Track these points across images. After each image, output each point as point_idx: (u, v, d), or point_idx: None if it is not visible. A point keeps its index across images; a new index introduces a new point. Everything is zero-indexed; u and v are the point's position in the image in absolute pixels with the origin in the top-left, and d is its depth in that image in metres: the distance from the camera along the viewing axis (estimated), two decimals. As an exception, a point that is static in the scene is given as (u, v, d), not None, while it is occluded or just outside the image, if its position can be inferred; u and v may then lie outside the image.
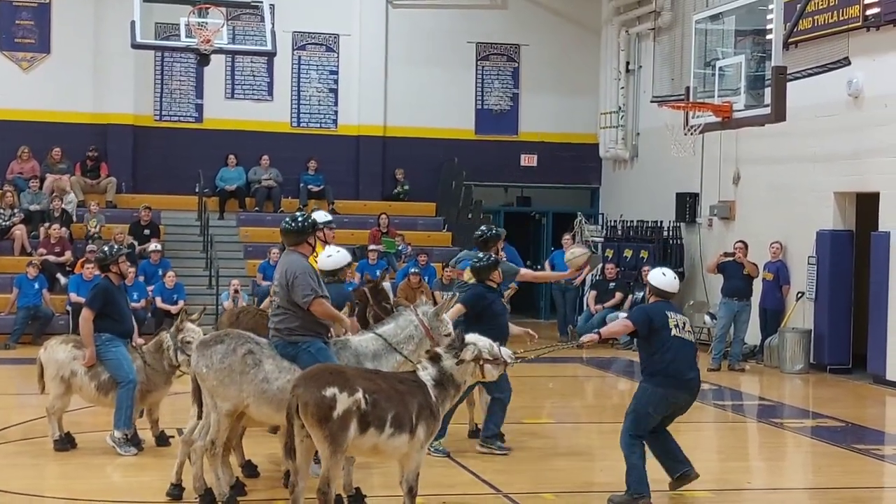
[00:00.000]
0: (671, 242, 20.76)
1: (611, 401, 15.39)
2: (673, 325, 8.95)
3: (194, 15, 17.78)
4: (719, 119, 15.14)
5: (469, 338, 8.24)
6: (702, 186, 20.64)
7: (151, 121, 23.01)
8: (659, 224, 21.00)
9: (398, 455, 7.77)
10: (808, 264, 17.42)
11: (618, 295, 20.07)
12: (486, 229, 11.77)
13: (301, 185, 23.00)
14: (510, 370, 9.00)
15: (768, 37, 14.42)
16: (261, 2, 18.94)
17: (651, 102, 20.50)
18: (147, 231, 20.96)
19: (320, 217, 10.80)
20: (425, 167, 23.92)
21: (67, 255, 20.03)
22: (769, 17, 14.51)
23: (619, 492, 8.96)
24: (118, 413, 10.31)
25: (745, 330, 17.52)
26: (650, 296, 9.34)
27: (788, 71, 14.33)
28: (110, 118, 22.53)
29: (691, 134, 15.98)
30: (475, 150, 24.16)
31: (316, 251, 9.39)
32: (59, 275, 19.63)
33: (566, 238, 21.65)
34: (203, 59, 18.05)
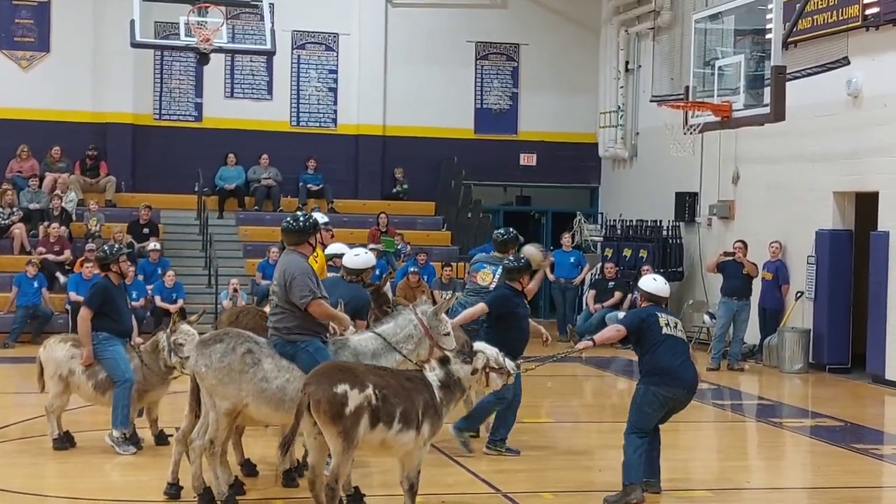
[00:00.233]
0: (670, 242, 20.74)
1: (610, 400, 15.39)
2: (664, 325, 9.02)
3: (194, 14, 17.76)
4: (719, 118, 15.14)
5: (477, 346, 8.38)
6: (701, 186, 20.64)
7: (151, 120, 22.99)
8: (658, 223, 20.99)
9: (404, 451, 7.82)
10: (808, 264, 17.42)
11: (617, 294, 20.08)
12: (505, 231, 11.74)
13: (300, 185, 23.00)
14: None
15: (768, 36, 14.42)
16: (260, 1, 18.92)
17: (650, 102, 20.49)
18: (146, 230, 20.96)
19: (318, 219, 10.81)
20: (425, 166, 23.91)
21: (67, 254, 20.02)
22: (768, 17, 14.51)
23: (618, 491, 8.98)
24: (115, 412, 10.31)
25: (745, 329, 17.53)
26: (642, 301, 9.51)
27: (788, 70, 14.32)
28: (110, 117, 22.52)
29: (691, 133, 15.97)
30: (474, 150, 24.16)
31: (316, 252, 9.40)
32: (59, 274, 19.63)
33: (565, 237, 21.66)
34: (202, 58, 18.03)
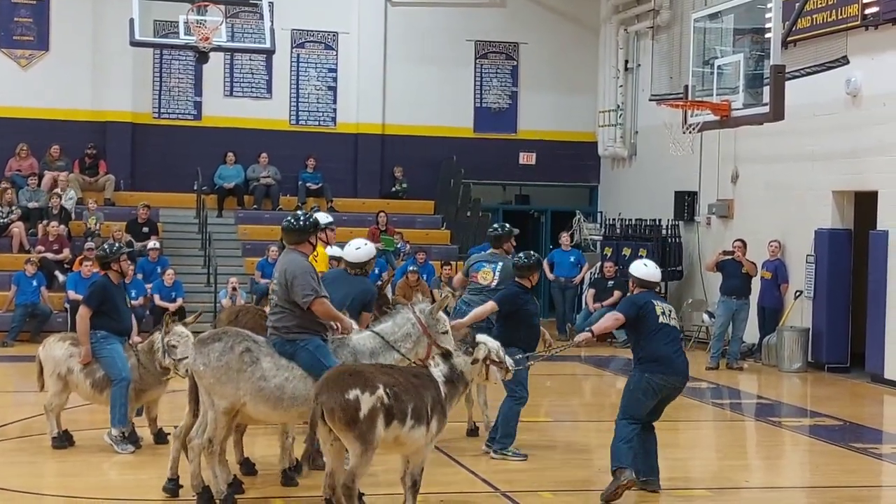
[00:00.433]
0: (670, 241, 20.75)
1: (609, 399, 15.37)
2: (660, 313, 9.09)
3: (193, 12, 17.77)
4: (718, 118, 15.14)
5: (479, 338, 8.40)
6: (700, 185, 20.65)
7: (150, 118, 22.98)
8: (657, 222, 20.99)
9: (415, 447, 7.86)
10: (807, 263, 17.43)
11: (616, 293, 20.05)
12: (499, 226, 11.76)
13: (300, 183, 22.99)
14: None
15: (767, 35, 14.41)
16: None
17: (650, 101, 20.48)
18: (145, 229, 20.95)
19: (322, 218, 10.82)
20: (424, 165, 23.91)
21: (66, 253, 20.02)
22: (768, 16, 14.51)
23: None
24: (112, 411, 10.30)
25: (744, 328, 17.54)
26: (633, 287, 9.50)
27: (787, 70, 14.32)
28: (109, 116, 22.51)
29: (690, 132, 15.97)
30: (474, 148, 24.15)
31: (317, 251, 9.40)
32: (58, 272, 19.62)
33: (564, 237, 21.66)
34: (202, 57, 18.03)
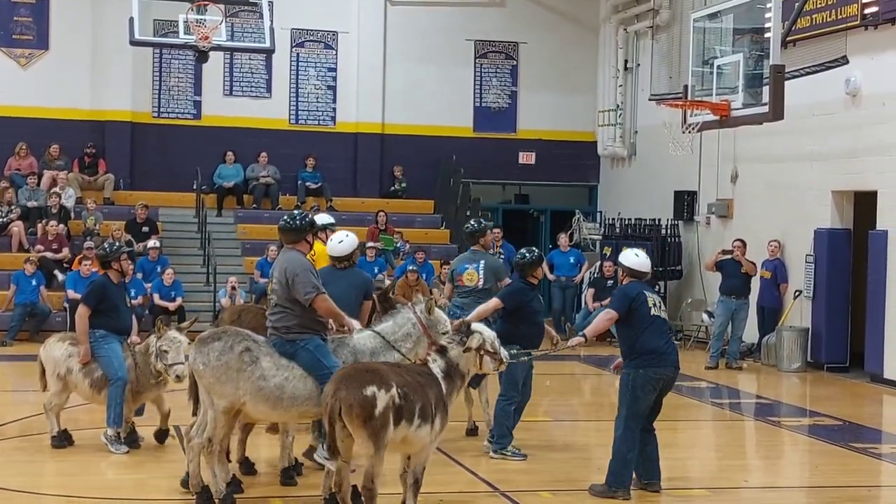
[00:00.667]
0: (669, 240, 20.75)
1: (608, 398, 15.32)
2: (652, 305, 9.04)
3: (193, 12, 17.78)
4: (717, 117, 15.13)
5: (474, 326, 8.38)
6: (700, 184, 20.65)
7: (149, 118, 22.98)
8: (657, 222, 20.99)
9: (420, 446, 7.86)
10: (806, 262, 17.43)
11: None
12: (475, 222, 11.78)
13: (299, 183, 22.99)
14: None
15: (766, 35, 14.41)
16: (259, -1, 18.94)
17: (649, 101, 20.47)
18: (145, 228, 20.94)
19: (323, 219, 10.81)
20: (423, 164, 23.90)
21: (65, 252, 20.02)
22: (767, 16, 14.50)
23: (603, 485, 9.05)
24: (108, 410, 10.28)
25: (743, 328, 17.54)
26: (623, 277, 9.42)
27: (786, 69, 14.31)
28: (108, 115, 22.51)
29: (689, 132, 15.96)
30: (473, 148, 24.15)
31: (314, 250, 9.38)
32: (57, 271, 19.62)
33: (562, 237, 21.65)
34: (201, 56, 18.03)
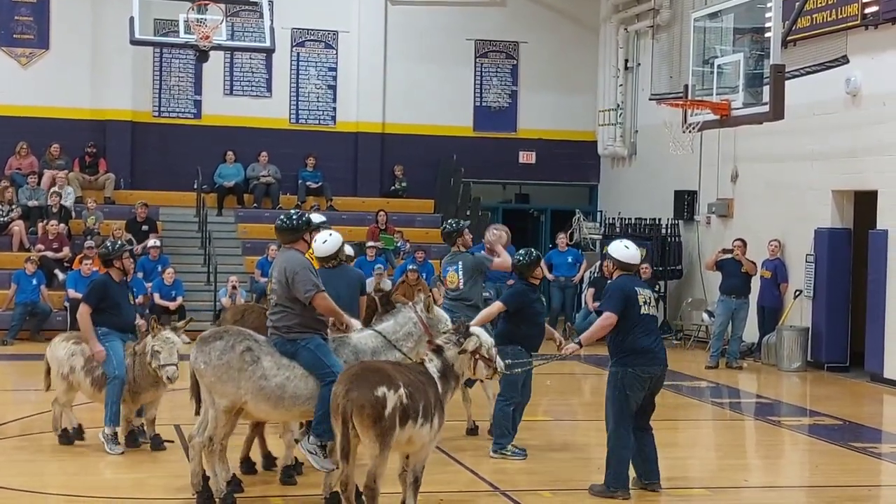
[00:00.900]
0: (669, 240, 20.76)
1: (608, 398, 15.38)
2: (643, 303, 8.95)
3: (193, 11, 17.79)
4: (718, 117, 15.13)
5: (474, 329, 8.38)
6: (700, 184, 20.65)
7: (150, 117, 22.99)
8: (657, 221, 21.00)
9: (421, 445, 7.88)
10: (806, 262, 17.43)
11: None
12: (452, 223, 11.77)
13: (299, 182, 23.00)
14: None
15: (767, 35, 14.40)
16: (260, -2, 18.94)
17: (649, 100, 20.48)
18: (145, 227, 20.96)
19: (315, 219, 10.81)
20: (424, 164, 23.91)
21: (65, 251, 20.03)
22: (768, 16, 14.49)
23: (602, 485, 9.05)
24: (105, 409, 10.25)
25: (743, 327, 17.55)
26: (613, 269, 9.27)
27: (787, 69, 14.31)
28: (109, 114, 22.52)
29: (690, 132, 15.97)
30: (474, 147, 24.16)
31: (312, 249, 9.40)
32: (57, 271, 19.62)
33: (560, 237, 21.64)
34: (202, 56, 18.04)
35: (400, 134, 23.90)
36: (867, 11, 16.19)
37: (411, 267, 18.69)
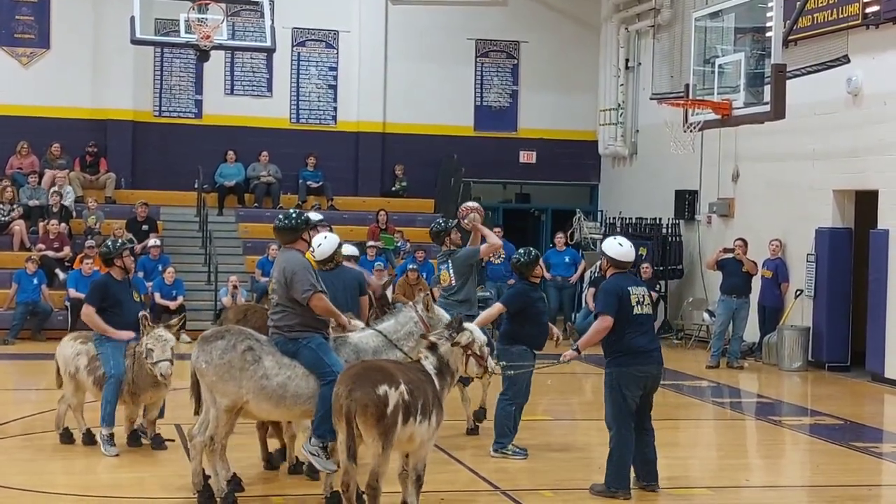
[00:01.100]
0: (670, 240, 20.75)
1: (609, 398, 15.37)
2: (636, 303, 8.87)
3: (194, 11, 17.78)
4: (719, 116, 15.12)
5: (467, 325, 8.38)
6: (701, 184, 20.64)
7: (151, 116, 22.99)
8: (658, 221, 21.00)
9: (420, 442, 7.88)
10: (807, 262, 17.43)
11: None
12: (440, 222, 11.77)
13: (300, 182, 23.00)
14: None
15: (768, 34, 14.39)
16: (260, -2, 18.93)
17: (650, 99, 20.47)
18: (145, 227, 20.96)
19: (313, 217, 10.81)
20: (424, 163, 23.91)
21: (66, 251, 20.03)
22: (769, 15, 14.48)
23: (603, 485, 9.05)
24: (101, 410, 10.24)
25: (744, 327, 17.54)
26: (607, 267, 9.19)
27: (788, 68, 14.30)
28: (110, 114, 22.52)
29: (690, 131, 15.96)
30: (474, 147, 24.15)
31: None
32: (58, 270, 19.63)
33: (558, 237, 21.63)
34: (202, 55, 18.03)
35: (400, 133, 23.90)
36: (868, 11, 16.19)
37: (411, 266, 18.69)
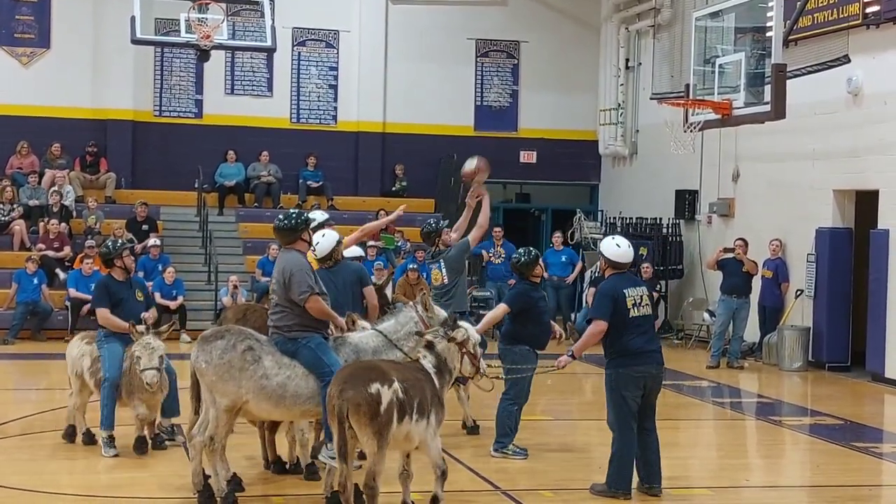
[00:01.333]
0: (670, 239, 20.75)
1: (609, 398, 15.36)
2: (631, 305, 8.82)
3: (194, 11, 17.79)
4: (719, 116, 15.12)
5: (462, 324, 8.44)
6: (701, 183, 20.64)
7: (151, 116, 22.99)
8: (658, 221, 21.00)
9: (419, 441, 7.90)
10: (807, 262, 17.42)
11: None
12: (431, 222, 11.80)
13: (300, 181, 23.00)
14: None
15: (768, 34, 14.39)
16: (260, -2, 18.94)
17: (651, 99, 20.47)
18: (145, 226, 20.96)
19: (319, 216, 10.82)
20: (424, 163, 23.90)
21: (66, 251, 20.03)
22: (769, 15, 14.47)
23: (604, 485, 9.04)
24: (101, 412, 10.22)
25: (744, 327, 17.53)
26: (605, 267, 9.16)
27: (788, 68, 14.29)
28: (110, 113, 22.52)
29: (691, 131, 15.96)
30: (474, 147, 23.80)
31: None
32: (58, 270, 19.63)
33: (556, 236, 21.62)
34: (203, 55, 18.04)
35: (401, 133, 23.89)
36: (868, 11, 16.18)
37: (412, 266, 18.68)
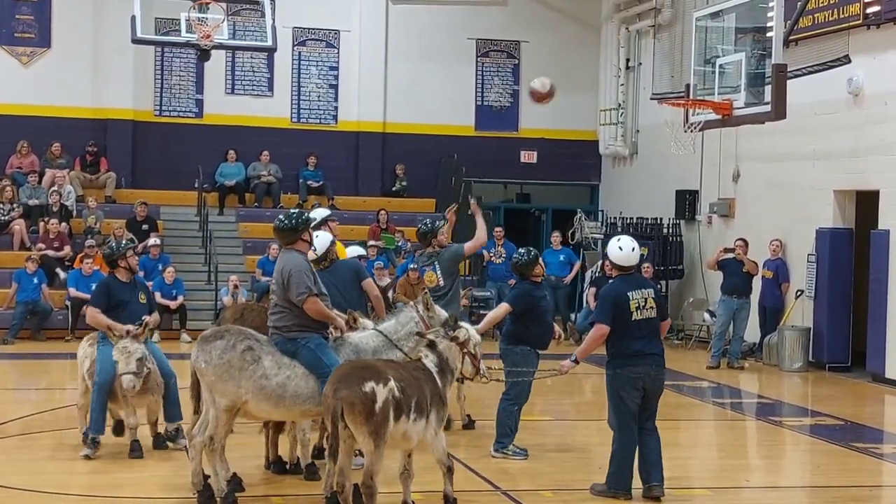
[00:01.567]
0: (671, 240, 20.75)
1: (609, 398, 15.35)
2: (634, 309, 8.82)
3: (195, 10, 17.79)
4: (719, 116, 15.12)
5: (463, 324, 8.47)
6: (701, 184, 20.63)
7: (151, 116, 22.99)
8: (658, 221, 20.99)
9: (418, 440, 7.91)
10: (808, 262, 17.42)
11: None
12: (429, 222, 11.77)
13: (300, 181, 22.99)
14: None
15: (768, 34, 14.39)
16: (261, -3, 18.94)
17: (651, 99, 20.46)
18: (145, 226, 20.96)
19: (320, 213, 10.82)
20: (425, 163, 23.90)
21: (66, 250, 20.03)
22: (769, 15, 14.47)
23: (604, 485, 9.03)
24: (90, 414, 10.19)
25: (745, 327, 17.52)
26: (610, 269, 9.21)
27: (789, 68, 14.29)
28: (110, 113, 22.52)
29: (691, 131, 15.96)
30: (475, 147, 24.14)
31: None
32: (59, 270, 19.63)
33: (554, 236, 21.61)
34: (203, 55, 18.04)
35: (401, 133, 23.89)
36: (869, 11, 16.17)
37: (412, 266, 18.67)
